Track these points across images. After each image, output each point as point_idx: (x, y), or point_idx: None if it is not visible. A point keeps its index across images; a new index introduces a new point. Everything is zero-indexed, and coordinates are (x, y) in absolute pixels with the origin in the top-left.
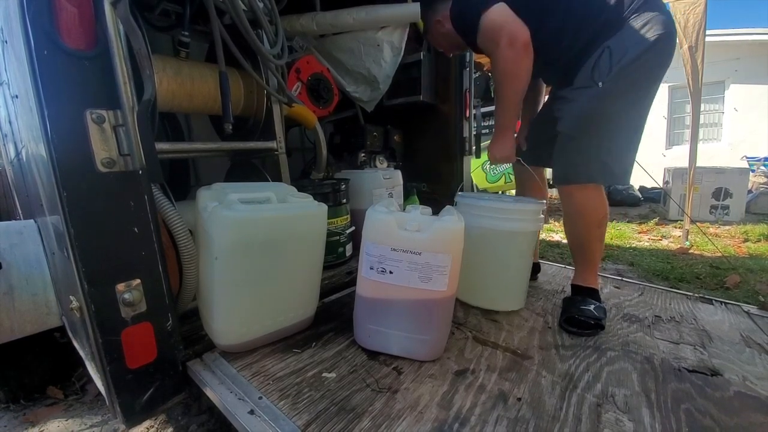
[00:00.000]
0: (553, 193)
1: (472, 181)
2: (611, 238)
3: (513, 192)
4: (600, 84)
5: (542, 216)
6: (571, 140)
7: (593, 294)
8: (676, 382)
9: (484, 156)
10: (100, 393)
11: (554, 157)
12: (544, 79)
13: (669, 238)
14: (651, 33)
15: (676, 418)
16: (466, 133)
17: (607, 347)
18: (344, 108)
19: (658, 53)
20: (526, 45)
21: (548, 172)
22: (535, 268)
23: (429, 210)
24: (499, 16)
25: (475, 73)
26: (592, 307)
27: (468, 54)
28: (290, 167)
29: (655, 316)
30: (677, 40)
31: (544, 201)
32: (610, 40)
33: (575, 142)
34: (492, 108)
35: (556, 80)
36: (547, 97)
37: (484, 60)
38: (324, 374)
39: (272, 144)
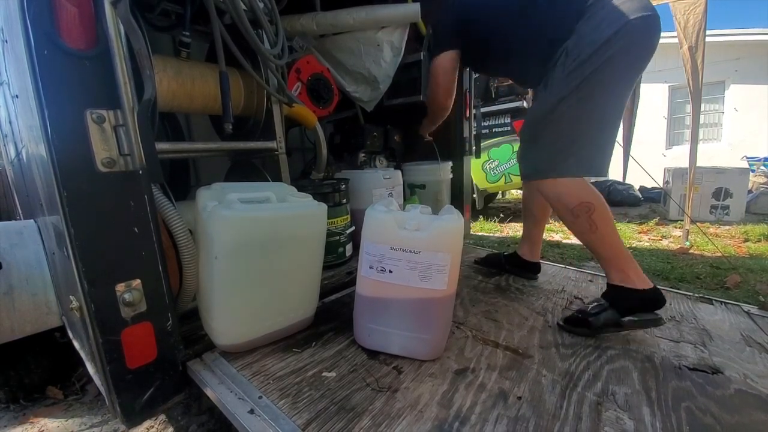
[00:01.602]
0: None
1: (472, 181)
2: None
3: (514, 192)
4: (546, 90)
5: (449, 170)
6: (525, 141)
7: (607, 291)
8: (676, 380)
9: (485, 156)
10: (100, 393)
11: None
12: (525, 84)
13: (669, 238)
14: (609, 26)
15: (676, 416)
16: (466, 133)
17: (607, 346)
18: (344, 108)
19: (619, 44)
20: (442, 106)
21: None
22: (535, 268)
23: (429, 209)
24: (437, 72)
25: (475, 73)
26: (591, 305)
27: None
28: (290, 167)
29: None
30: (665, 36)
31: (449, 162)
32: (569, 39)
33: (529, 143)
34: (493, 108)
35: (532, 85)
36: None
37: None
38: (324, 373)
39: (272, 144)
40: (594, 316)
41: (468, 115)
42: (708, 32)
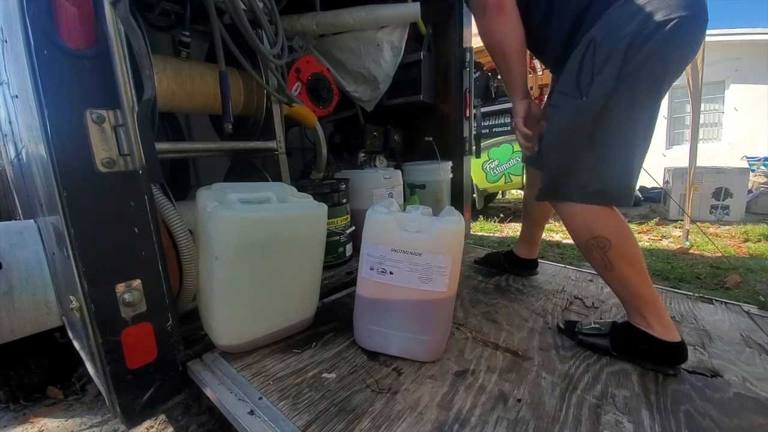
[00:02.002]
0: None
1: (472, 181)
2: None
3: (514, 192)
4: (584, 98)
5: (449, 170)
6: (548, 155)
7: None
8: (675, 383)
9: (484, 156)
10: (100, 393)
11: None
12: (544, 64)
13: (669, 238)
14: (655, 15)
15: (675, 420)
16: (466, 133)
17: None
18: (344, 108)
19: (664, 40)
20: (496, 6)
21: None
22: (533, 264)
23: (429, 210)
24: None
25: (475, 72)
26: (587, 326)
27: (468, 54)
28: (290, 167)
29: None
30: None
31: (449, 162)
32: (595, 28)
33: (553, 156)
34: (493, 108)
35: (551, 68)
36: None
37: (484, 60)
38: (324, 375)
39: (272, 144)
40: (584, 336)
41: (468, 115)
42: (708, 32)
